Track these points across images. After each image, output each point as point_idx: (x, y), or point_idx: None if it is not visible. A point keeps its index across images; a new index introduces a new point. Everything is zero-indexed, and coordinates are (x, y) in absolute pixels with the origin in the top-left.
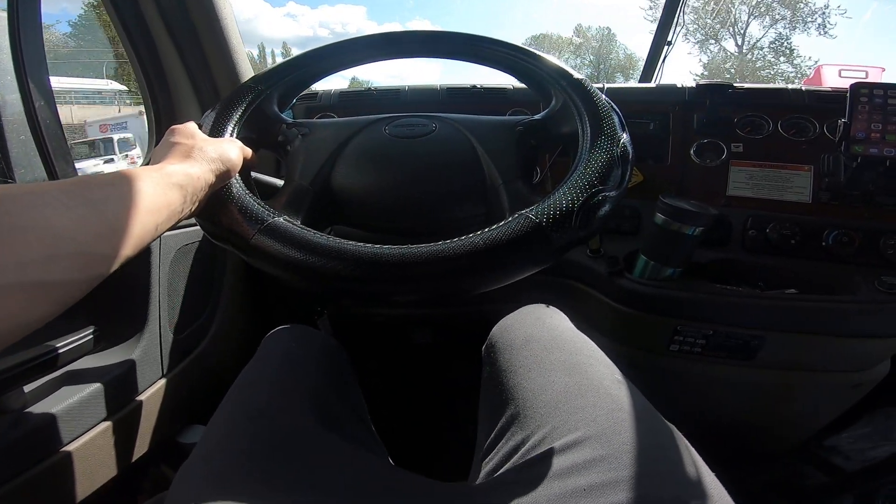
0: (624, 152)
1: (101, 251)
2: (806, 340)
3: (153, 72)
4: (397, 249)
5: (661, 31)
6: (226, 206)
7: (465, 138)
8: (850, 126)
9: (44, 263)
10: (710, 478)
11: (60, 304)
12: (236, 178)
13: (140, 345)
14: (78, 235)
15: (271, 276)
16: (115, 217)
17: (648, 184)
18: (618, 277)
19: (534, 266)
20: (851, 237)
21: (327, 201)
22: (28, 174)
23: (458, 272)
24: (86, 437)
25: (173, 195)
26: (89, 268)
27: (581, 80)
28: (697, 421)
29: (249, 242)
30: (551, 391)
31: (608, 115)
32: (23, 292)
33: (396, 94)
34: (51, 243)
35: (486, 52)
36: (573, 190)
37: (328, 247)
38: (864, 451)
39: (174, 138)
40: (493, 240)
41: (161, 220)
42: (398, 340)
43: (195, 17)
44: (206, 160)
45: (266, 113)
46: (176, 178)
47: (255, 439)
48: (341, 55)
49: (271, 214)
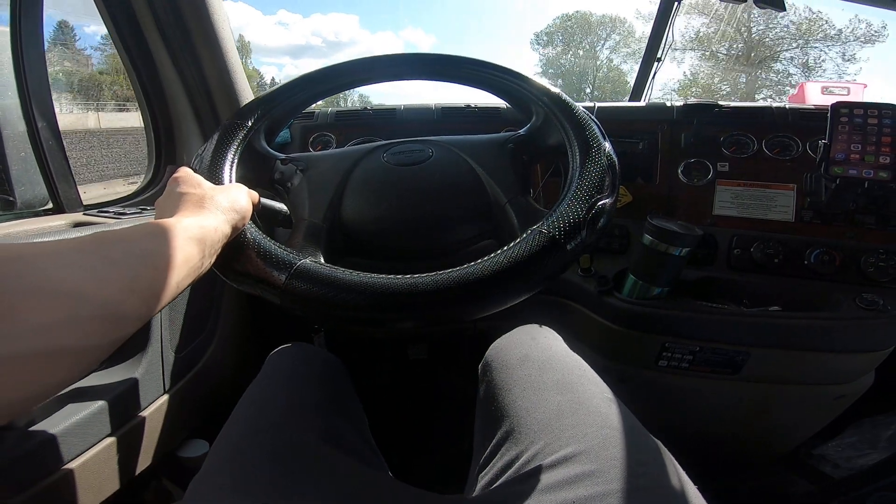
0: (611, 161)
1: (123, 311)
2: (790, 355)
3: (153, 90)
4: (429, 278)
5: (651, 49)
6: (247, 254)
7: (462, 161)
8: (829, 147)
9: (63, 328)
10: (692, 491)
11: (83, 368)
12: (249, 223)
13: (143, 363)
14: (97, 297)
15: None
16: (135, 276)
17: (637, 203)
18: (607, 296)
19: (552, 278)
20: (833, 255)
21: (339, 235)
22: (28, 192)
23: (487, 292)
24: (90, 453)
25: (192, 250)
26: (110, 329)
27: (559, 94)
28: (685, 433)
29: (282, 289)
30: (545, 409)
31: (589, 125)
32: (44, 358)
33: (392, 113)
34: (71, 306)
35: (464, 72)
36: (576, 201)
37: (362, 283)
38: (852, 458)
39: (181, 188)
40: (516, 257)
41: (182, 277)
42: (393, 356)
43: (196, 39)
44: (221, 210)
45: (256, 150)
46: (192, 231)
47: (264, 454)
48: (324, 82)
49: (297, 257)
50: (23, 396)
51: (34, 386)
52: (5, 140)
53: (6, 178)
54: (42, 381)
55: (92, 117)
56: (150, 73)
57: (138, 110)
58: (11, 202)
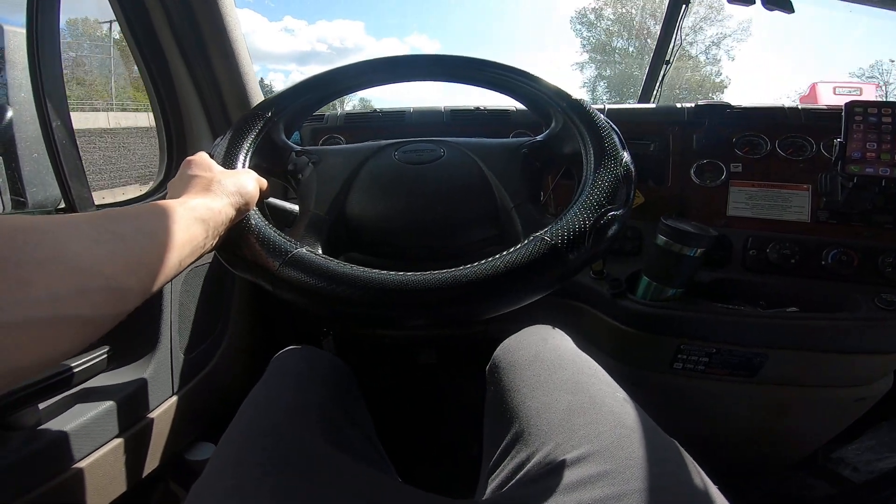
0: (627, 172)
1: (129, 286)
2: (808, 357)
3: (165, 93)
4: (420, 276)
5: (659, 51)
6: (246, 238)
7: (473, 162)
8: (846, 146)
9: (74, 297)
10: (713, 490)
11: (87, 338)
12: (254, 210)
13: (152, 363)
14: (107, 269)
15: (290, 302)
16: (142, 251)
17: (650, 205)
18: (621, 298)
19: (550, 287)
20: (850, 256)
21: (343, 229)
22: (40, 192)
23: (481, 296)
24: (98, 454)
25: (196, 230)
26: (117, 302)
27: (580, 101)
28: (701, 436)
29: (275, 274)
30: (555, 409)
31: (609, 135)
32: (53, 326)
33: (401, 116)
34: (81, 277)
35: (486, 75)
36: (584, 210)
37: (353, 276)
38: (871, 462)
39: (192, 171)
40: (513, 263)
41: (185, 255)
42: (403, 360)
43: (208, 40)
44: (227, 194)
45: (274, 140)
46: (198, 212)
47: (267, 456)
48: (344, 80)
49: (293, 245)
50: (31, 362)
51: (42, 353)
52: (18, 142)
53: (18, 178)
54: (50, 348)
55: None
56: (162, 75)
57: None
58: (22, 202)
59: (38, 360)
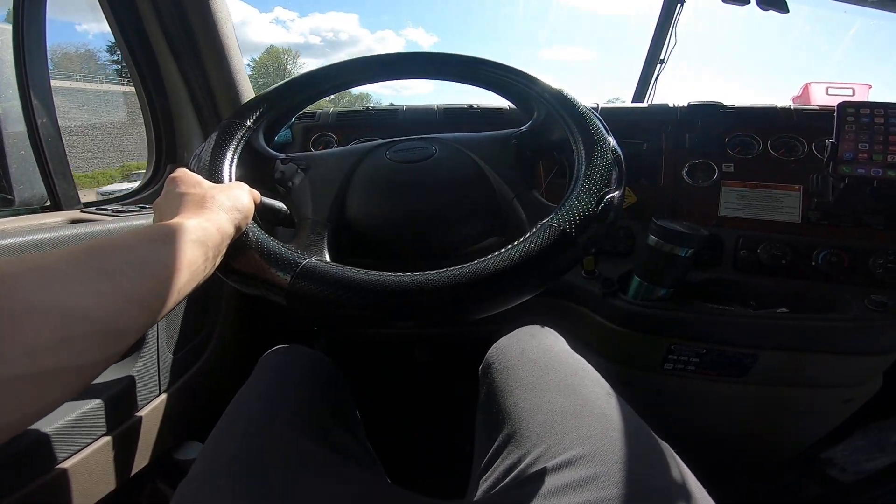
0: (616, 154)
1: (120, 327)
2: (798, 358)
3: (153, 86)
4: (440, 274)
5: (654, 50)
6: (248, 254)
7: (467, 157)
8: (837, 146)
9: (55, 348)
10: (700, 493)
11: (75, 388)
12: (251, 223)
13: (140, 361)
14: (92, 313)
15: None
16: (132, 287)
17: (642, 204)
18: (612, 298)
19: (564, 271)
20: (841, 257)
21: (344, 234)
22: (27, 190)
23: (504, 287)
24: (85, 453)
25: (194, 253)
26: (106, 346)
27: (560, 90)
28: (692, 436)
29: (288, 290)
30: (546, 411)
31: (592, 121)
32: (32, 382)
33: (394, 114)
34: (63, 325)
35: (466, 70)
36: (585, 194)
37: (371, 282)
38: (860, 462)
39: (181, 188)
40: (528, 252)
41: (183, 283)
42: (396, 358)
43: (199, 37)
44: (223, 210)
45: (256, 149)
46: (194, 233)
47: (254, 456)
48: (328, 80)
49: (301, 256)
50: (16, 419)
51: (27, 408)
52: (5, 138)
53: (5, 176)
54: (35, 403)
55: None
56: (151, 69)
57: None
58: (10, 200)
59: (24, 417)
